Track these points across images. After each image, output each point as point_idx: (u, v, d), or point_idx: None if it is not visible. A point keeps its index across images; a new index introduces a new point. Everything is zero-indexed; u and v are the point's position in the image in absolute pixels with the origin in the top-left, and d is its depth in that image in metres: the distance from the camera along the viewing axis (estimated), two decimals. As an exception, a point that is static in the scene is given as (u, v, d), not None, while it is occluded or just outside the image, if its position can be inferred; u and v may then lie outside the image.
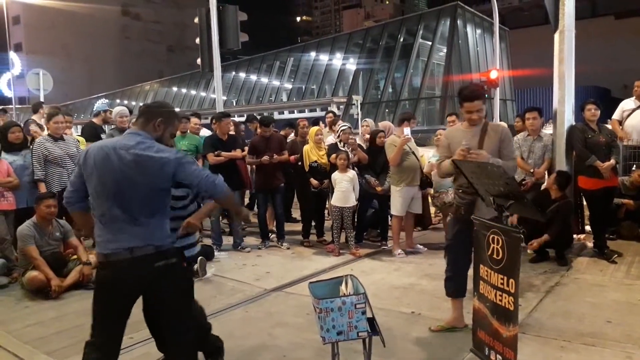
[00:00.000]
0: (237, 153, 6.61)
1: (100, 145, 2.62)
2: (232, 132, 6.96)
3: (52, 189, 5.65)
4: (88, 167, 2.58)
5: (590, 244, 5.99)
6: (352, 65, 37.67)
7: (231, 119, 7.28)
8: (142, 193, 2.55)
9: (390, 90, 36.18)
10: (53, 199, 5.16)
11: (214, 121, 6.74)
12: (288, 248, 6.67)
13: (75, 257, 5.25)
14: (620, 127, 6.92)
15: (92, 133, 7.02)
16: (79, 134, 7.51)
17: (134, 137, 2.62)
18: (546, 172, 6.07)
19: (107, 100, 8.61)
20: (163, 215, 2.65)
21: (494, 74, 18.79)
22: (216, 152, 6.37)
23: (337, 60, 38.51)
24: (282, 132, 8.28)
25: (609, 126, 6.56)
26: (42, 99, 12.16)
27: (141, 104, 7.13)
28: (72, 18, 60.35)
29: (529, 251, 5.72)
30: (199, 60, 9.88)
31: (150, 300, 2.64)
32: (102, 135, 7.05)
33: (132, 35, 68.03)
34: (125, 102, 46.60)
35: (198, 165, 2.72)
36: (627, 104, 7.03)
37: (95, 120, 7.42)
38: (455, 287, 3.83)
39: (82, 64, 60.95)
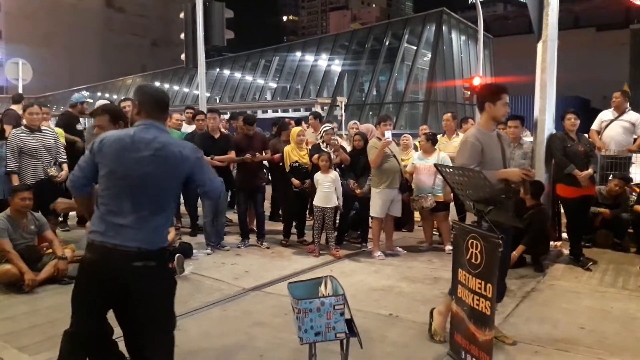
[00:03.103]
0: (252, 156, 6.50)
1: (117, 136, 2.56)
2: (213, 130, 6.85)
3: (26, 181, 5.54)
4: (103, 157, 2.52)
5: (566, 251, 6.09)
6: (337, 66, 37.71)
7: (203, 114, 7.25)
8: (156, 188, 2.52)
9: (374, 93, 36.30)
10: (28, 192, 5.05)
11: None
12: (268, 247, 6.64)
13: (50, 251, 5.15)
14: (599, 138, 7.06)
15: (68, 122, 6.91)
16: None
17: (151, 130, 2.57)
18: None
19: (87, 93, 8.52)
20: (168, 216, 2.63)
21: (476, 81, 19.00)
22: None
23: (323, 61, 38.49)
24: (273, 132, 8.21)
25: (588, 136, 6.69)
26: (20, 90, 11.90)
27: (122, 98, 7.07)
28: (54, 7, 59.31)
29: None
30: (183, 56, 9.81)
31: (129, 296, 2.54)
32: (78, 126, 6.96)
33: (116, 28, 67.10)
34: (107, 95, 45.98)
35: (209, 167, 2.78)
36: (606, 115, 7.17)
37: (71, 110, 7.31)
38: None
39: (63, 55, 59.92)
